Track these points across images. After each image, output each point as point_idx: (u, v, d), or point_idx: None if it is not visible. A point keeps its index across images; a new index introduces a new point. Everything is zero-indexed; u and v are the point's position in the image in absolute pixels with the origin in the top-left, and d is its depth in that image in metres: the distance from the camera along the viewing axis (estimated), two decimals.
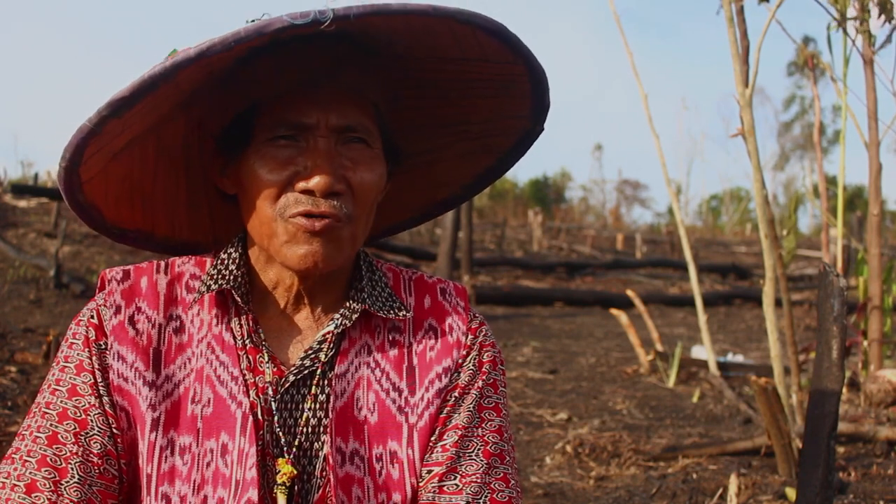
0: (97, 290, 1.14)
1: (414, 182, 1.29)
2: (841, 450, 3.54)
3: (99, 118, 0.95)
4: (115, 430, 1.05)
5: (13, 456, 1.04)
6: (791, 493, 2.91)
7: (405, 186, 1.28)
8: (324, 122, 1.04)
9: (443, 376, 1.13)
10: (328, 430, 1.07)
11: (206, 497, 1.04)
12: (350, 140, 1.06)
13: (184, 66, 0.91)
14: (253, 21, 0.92)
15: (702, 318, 5.03)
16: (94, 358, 1.07)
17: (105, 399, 1.06)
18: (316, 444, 1.08)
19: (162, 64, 0.91)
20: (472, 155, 1.24)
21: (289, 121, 1.04)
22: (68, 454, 1.03)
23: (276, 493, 1.05)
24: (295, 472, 1.06)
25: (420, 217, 1.34)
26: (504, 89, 1.11)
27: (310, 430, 1.08)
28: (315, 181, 1.02)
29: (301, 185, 1.03)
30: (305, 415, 1.09)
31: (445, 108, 1.19)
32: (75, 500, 1.01)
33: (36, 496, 1.00)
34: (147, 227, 1.22)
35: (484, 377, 1.15)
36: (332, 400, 1.08)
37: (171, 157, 1.17)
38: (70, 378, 1.07)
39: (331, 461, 1.06)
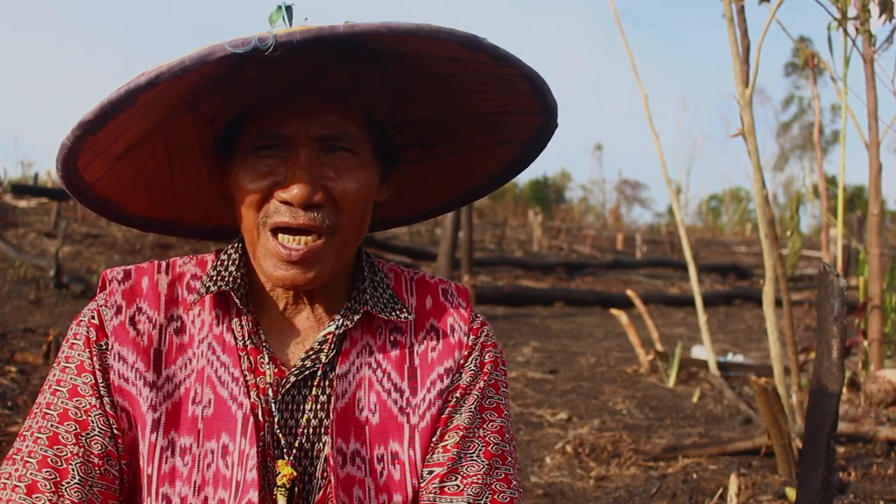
0: (98, 291, 1.14)
1: (441, 169, 1.28)
2: (841, 450, 3.54)
3: (74, 137, 0.96)
4: (115, 431, 1.05)
5: (14, 457, 1.04)
6: (791, 493, 2.91)
7: (433, 173, 1.28)
8: (304, 132, 1.03)
9: (444, 377, 1.13)
10: (329, 430, 1.07)
11: (206, 498, 1.04)
12: (334, 149, 1.05)
13: (138, 91, 0.90)
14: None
15: (702, 318, 5.03)
16: (94, 358, 1.07)
17: (106, 400, 1.06)
18: (317, 445, 1.08)
19: (117, 90, 0.91)
20: (493, 146, 1.23)
21: (270, 131, 1.04)
22: (69, 455, 1.03)
23: (276, 495, 1.05)
24: (295, 473, 1.06)
25: (450, 204, 1.33)
26: (507, 86, 1.10)
27: (310, 431, 1.08)
28: (292, 192, 1.02)
29: (280, 194, 1.03)
30: (306, 416, 1.08)
31: (457, 101, 1.18)
32: (76, 500, 1.01)
33: (37, 497, 1.00)
34: (173, 216, 1.23)
35: (485, 378, 1.14)
36: (332, 401, 1.08)
37: (185, 150, 1.17)
38: (71, 378, 1.07)
39: (331, 462, 1.06)
